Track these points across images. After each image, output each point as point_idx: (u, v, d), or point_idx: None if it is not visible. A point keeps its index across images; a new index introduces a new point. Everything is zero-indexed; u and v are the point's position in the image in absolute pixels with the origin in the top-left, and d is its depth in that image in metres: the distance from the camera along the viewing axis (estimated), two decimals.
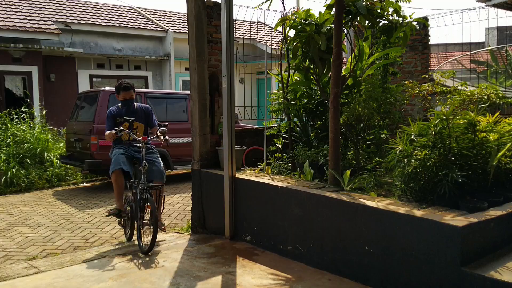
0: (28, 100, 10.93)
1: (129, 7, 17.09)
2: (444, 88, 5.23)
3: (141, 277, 3.65)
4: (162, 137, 4.68)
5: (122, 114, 4.88)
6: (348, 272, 3.45)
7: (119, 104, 4.99)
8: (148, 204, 4.39)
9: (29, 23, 12.02)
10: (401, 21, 4.31)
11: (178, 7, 73.57)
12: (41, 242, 5.03)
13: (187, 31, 5.11)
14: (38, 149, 9.04)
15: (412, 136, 3.54)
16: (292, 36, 4.93)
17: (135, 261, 4.08)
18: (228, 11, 4.41)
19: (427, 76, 7.16)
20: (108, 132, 4.73)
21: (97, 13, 15.08)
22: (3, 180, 8.07)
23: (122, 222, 4.98)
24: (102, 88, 8.31)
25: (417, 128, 3.56)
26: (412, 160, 3.31)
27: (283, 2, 5.20)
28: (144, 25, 15.24)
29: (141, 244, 4.30)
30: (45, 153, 9.08)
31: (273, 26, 7.73)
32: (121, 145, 4.91)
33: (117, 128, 4.62)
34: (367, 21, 4.33)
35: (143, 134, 4.95)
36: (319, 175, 4.40)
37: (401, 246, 3.05)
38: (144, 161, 4.48)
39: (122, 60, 14.63)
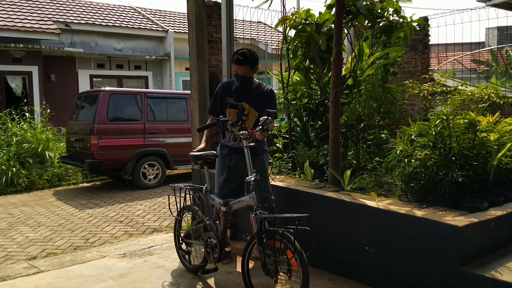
0: (26, 100, 10.92)
1: (129, 7, 17.09)
2: (444, 88, 5.23)
3: (142, 277, 3.65)
4: (258, 131, 3.07)
5: (231, 93, 3.56)
6: (348, 272, 3.45)
7: (233, 79, 3.66)
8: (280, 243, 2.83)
9: (29, 23, 12.03)
10: (401, 22, 4.31)
11: (178, 7, 73.62)
12: (42, 242, 5.03)
13: (187, 31, 5.11)
14: (39, 149, 9.06)
15: (413, 136, 3.54)
16: (292, 36, 4.93)
17: (135, 261, 4.08)
18: (229, 11, 4.42)
19: (427, 76, 7.16)
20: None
21: (97, 13, 15.08)
22: (3, 180, 8.07)
23: (187, 247, 3.79)
24: (103, 88, 8.32)
25: (417, 128, 3.56)
26: (413, 160, 3.31)
27: (283, 2, 5.21)
28: (144, 25, 15.24)
29: None
30: (46, 153, 9.09)
31: (273, 26, 7.73)
32: (224, 145, 3.67)
33: (223, 117, 3.21)
34: (367, 21, 4.34)
35: (254, 124, 3.52)
36: (320, 175, 4.39)
37: (401, 246, 3.05)
38: (255, 170, 3.10)
39: (122, 60, 14.64)
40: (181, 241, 3.84)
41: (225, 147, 3.69)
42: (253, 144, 3.15)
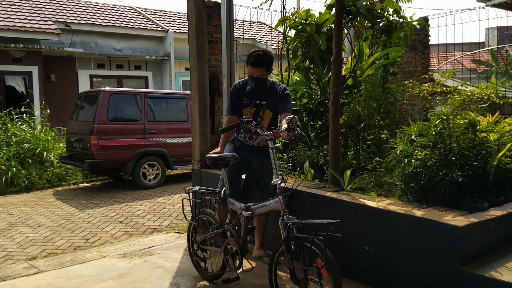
0: (28, 100, 10.95)
1: (129, 7, 17.10)
2: (444, 88, 5.23)
3: (142, 277, 3.65)
4: (286, 132, 2.93)
5: (246, 93, 3.55)
6: (348, 272, 3.45)
7: (247, 78, 3.61)
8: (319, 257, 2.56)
9: (29, 23, 12.03)
10: (401, 22, 4.31)
11: (178, 7, 73.60)
12: (42, 242, 5.03)
13: (187, 31, 5.11)
14: (39, 149, 9.06)
15: (413, 136, 3.54)
16: (292, 36, 4.93)
17: (135, 261, 4.08)
18: (229, 11, 4.42)
19: (427, 76, 7.16)
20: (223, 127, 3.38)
21: (97, 13, 15.09)
22: (3, 180, 8.07)
23: (202, 254, 3.56)
24: (103, 88, 8.33)
25: (417, 128, 3.56)
26: (413, 160, 3.31)
27: (283, 2, 5.21)
28: (144, 25, 15.25)
29: None
30: (45, 153, 9.09)
31: (273, 26, 7.73)
32: (238, 140, 3.65)
33: (246, 117, 3.08)
34: (367, 21, 4.34)
35: (268, 125, 3.55)
36: (320, 175, 4.39)
37: (401, 246, 3.04)
38: (281, 173, 2.94)
39: (122, 60, 14.64)
40: (196, 248, 3.59)
41: (238, 141, 3.73)
42: (279, 145, 2.98)
